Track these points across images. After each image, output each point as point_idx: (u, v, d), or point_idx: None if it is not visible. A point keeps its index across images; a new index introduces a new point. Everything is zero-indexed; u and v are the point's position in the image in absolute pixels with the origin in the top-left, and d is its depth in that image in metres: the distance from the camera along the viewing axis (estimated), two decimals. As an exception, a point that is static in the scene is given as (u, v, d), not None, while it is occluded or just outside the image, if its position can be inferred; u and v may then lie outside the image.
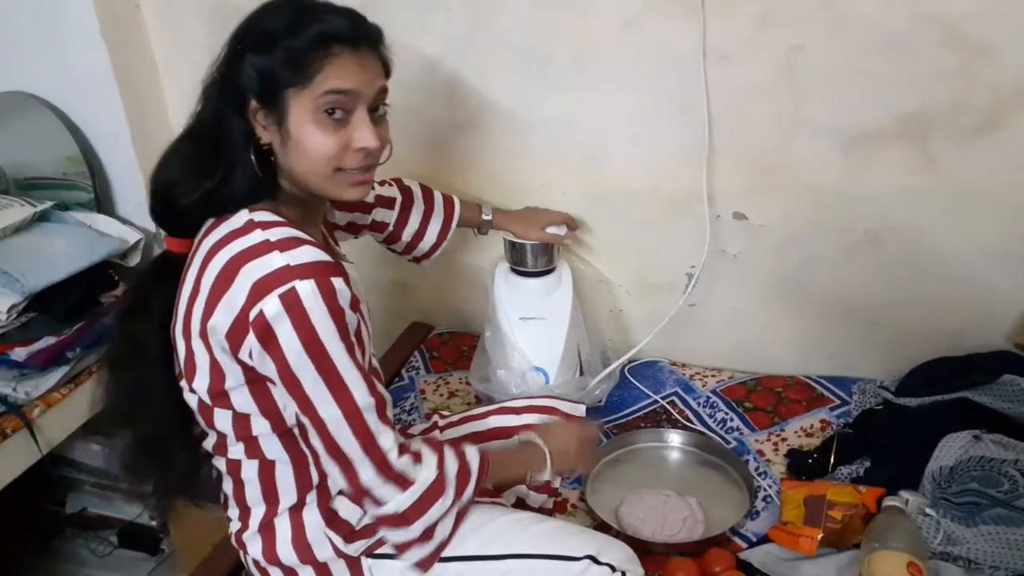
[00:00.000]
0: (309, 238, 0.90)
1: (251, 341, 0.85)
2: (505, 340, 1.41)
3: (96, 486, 1.69)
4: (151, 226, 1.67)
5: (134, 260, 1.63)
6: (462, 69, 1.46)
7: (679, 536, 1.16)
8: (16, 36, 1.57)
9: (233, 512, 1.04)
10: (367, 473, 0.90)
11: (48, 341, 1.41)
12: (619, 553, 1.00)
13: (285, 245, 0.87)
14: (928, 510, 1.09)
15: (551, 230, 1.43)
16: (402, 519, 0.92)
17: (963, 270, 1.37)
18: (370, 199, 1.28)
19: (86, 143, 1.63)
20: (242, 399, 0.93)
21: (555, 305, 1.43)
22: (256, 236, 0.88)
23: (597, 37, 1.37)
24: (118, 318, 1.02)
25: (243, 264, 0.86)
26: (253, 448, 0.97)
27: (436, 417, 1.25)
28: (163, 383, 0.98)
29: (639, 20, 1.33)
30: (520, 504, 1.20)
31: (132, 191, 1.66)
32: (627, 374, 1.55)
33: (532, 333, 1.41)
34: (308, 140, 0.90)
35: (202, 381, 0.92)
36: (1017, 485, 1.11)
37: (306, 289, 0.83)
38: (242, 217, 0.91)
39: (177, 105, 1.67)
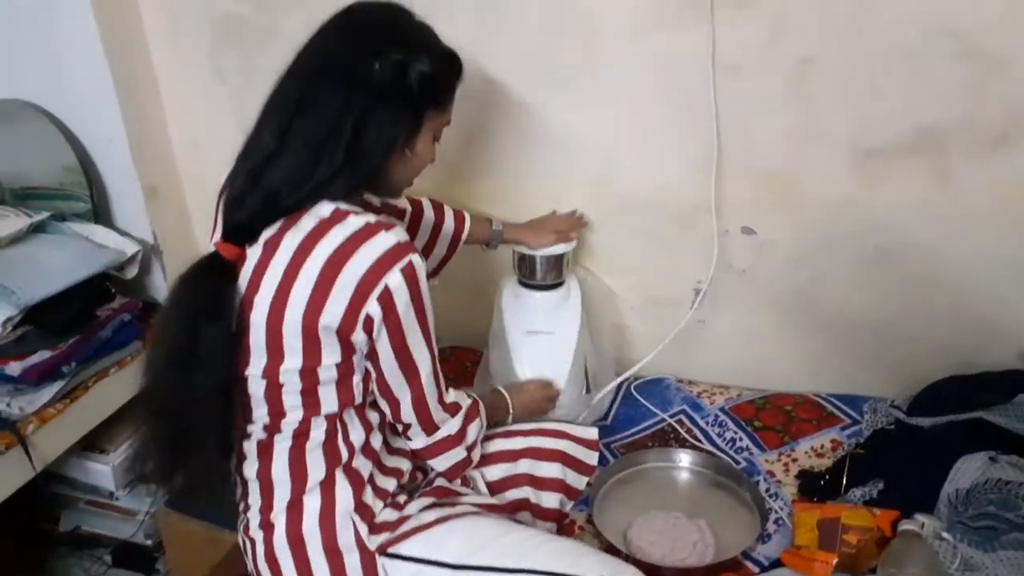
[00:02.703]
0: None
1: (372, 313, 0.93)
2: (511, 355, 1.38)
3: (90, 504, 1.66)
4: (149, 237, 1.64)
5: (131, 272, 1.60)
6: (467, 80, 1.43)
7: (690, 560, 1.14)
8: (13, 43, 1.54)
9: (254, 500, 1.04)
10: (436, 407, 1.06)
11: (43, 355, 1.38)
12: (631, 576, 0.99)
13: (387, 225, 0.95)
14: (944, 534, 1.07)
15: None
16: (454, 440, 1.10)
17: (976, 287, 1.35)
18: (376, 203, 1.25)
19: (84, 152, 1.60)
20: (327, 377, 0.98)
21: (564, 319, 1.40)
22: (355, 221, 0.95)
23: (606, 48, 1.35)
24: (189, 314, 0.96)
25: (356, 247, 0.93)
26: (304, 425, 1.00)
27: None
28: (218, 380, 0.97)
29: (648, 32, 1.32)
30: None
31: (130, 202, 1.63)
32: (633, 391, 1.52)
33: (540, 348, 1.38)
34: (425, 154, 1.05)
35: (291, 361, 0.96)
36: (1035, 509, 1.09)
37: (417, 261, 0.95)
38: (326, 207, 0.96)
39: (177, 114, 1.65)
